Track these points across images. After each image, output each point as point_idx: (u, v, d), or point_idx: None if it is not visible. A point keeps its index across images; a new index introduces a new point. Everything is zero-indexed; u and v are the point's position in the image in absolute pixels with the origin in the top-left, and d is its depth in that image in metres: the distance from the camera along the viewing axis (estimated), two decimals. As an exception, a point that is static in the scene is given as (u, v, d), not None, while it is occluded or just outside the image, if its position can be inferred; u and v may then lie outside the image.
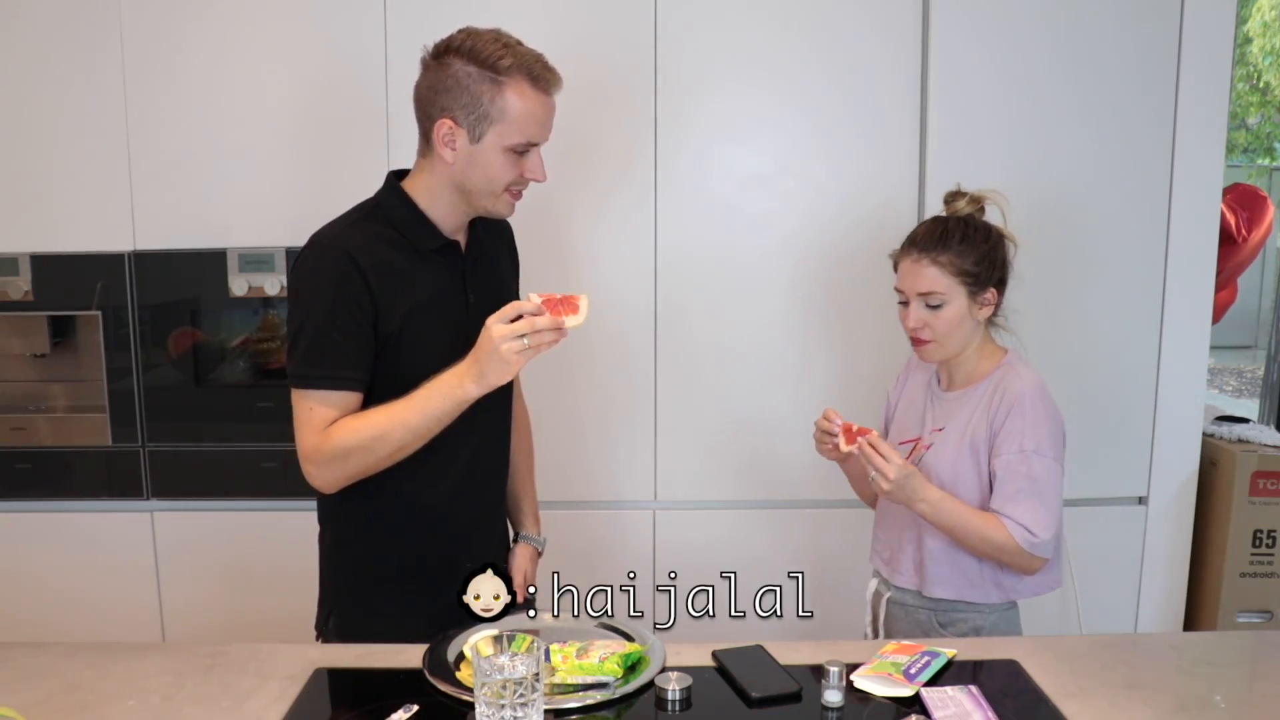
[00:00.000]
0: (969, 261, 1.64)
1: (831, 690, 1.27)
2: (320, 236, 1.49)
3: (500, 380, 1.36)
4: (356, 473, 1.45)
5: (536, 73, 1.43)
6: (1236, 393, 8.58)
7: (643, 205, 2.34)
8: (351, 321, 1.44)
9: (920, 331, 1.67)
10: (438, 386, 1.39)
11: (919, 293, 1.65)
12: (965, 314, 1.65)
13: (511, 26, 1.49)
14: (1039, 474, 1.60)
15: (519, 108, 1.42)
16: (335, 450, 1.43)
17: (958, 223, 1.67)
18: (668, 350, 2.39)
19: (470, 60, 1.42)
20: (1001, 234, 1.69)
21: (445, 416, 1.40)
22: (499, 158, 1.45)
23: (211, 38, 2.30)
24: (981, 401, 1.67)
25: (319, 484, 1.48)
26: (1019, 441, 1.61)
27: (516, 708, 1.13)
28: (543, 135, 1.48)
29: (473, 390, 1.37)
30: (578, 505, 2.42)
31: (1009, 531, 1.59)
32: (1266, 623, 2.45)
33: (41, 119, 2.33)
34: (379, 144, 2.29)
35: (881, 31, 2.28)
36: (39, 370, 2.41)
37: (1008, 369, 1.69)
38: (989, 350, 1.73)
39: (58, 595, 2.45)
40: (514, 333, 1.33)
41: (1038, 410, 1.63)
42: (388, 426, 1.41)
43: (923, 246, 1.66)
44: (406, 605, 1.57)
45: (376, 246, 1.47)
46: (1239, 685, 1.43)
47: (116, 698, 1.31)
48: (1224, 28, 2.27)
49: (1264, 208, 2.79)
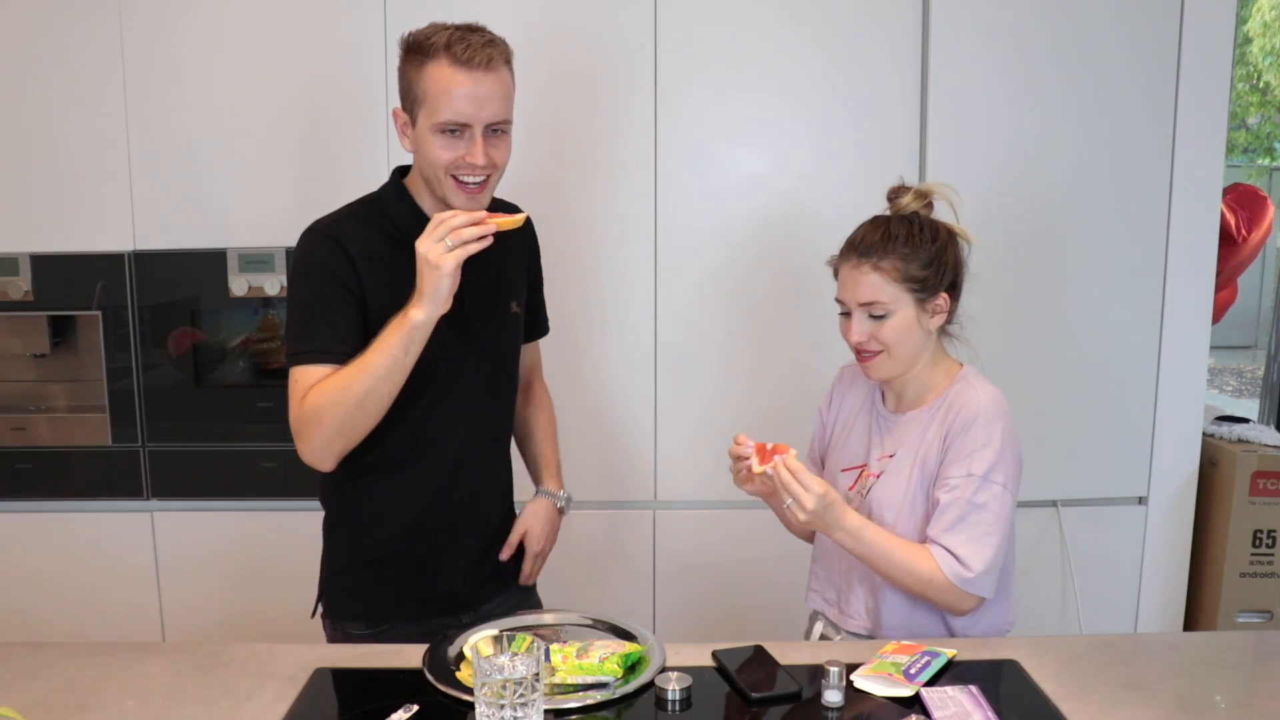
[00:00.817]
0: (915, 266, 1.48)
1: (831, 690, 1.27)
2: (313, 225, 1.51)
3: (438, 293, 1.34)
4: (334, 434, 1.43)
5: (456, 50, 1.40)
6: (1236, 393, 8.58)
7: (643, 204, 2.34)
8: (339, 300, 1.45)
9: (866, 344, 1.51)
10: (387, 328, 1.39)
11: (861, 302, 1.49)
12: (914, 324, 1.49)
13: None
14: (984, 502, 1.44)
15: (437, 85, 1.41)
16: (310, 413, 1.42)
17: (901, 222, 1.51)
18: (668, 349, 2.39)
19: (408, 48, 1.45)
20: (952, 232, 1.53)
21: (400, 350, 1.38)
22: (431, 138, 1.43)
23: (211, 37, 2.30)
24: (934, 422, 1.51)
25: (308, 457, 1.47)
26: (968, 465, 1.45)
27: (516, 708, 1.12)
28: (473, 113, 1.41)
29: (418, 314, 1.36)
30: (578, 505, 2.41)
31: (937, 563, 1.43)
32: (1266, 623, 2.45)
33: (41, 119, 2.33)
34: (378, 144, 2.29)
35: (881, 33, 2.28)
36: (39, 370, 2.41)
37: (963, 384, 1.52)
38: (942, 364, 1.56)
39: (58, 595, 2.45)
40: (434, 238, 1.34)
41: (993, 431, 1.46)
42: (351, 374, 1.40)
43: (863, 251, 1.49)
44: (399, 588, 1.59)
45: (367, 236, 1.48)
46: (1239, 685, 1.43)
47: (116, 698, 1.31)
48: (1224, 28, 2.27)
49: (1264, 208, 2.78)
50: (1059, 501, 2.41)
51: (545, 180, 2.30)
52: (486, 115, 1.42)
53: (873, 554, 1.46)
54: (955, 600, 1.45)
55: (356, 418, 1.42)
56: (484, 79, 1.41)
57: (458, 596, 1.62)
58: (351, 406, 1.40)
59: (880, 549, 1.45)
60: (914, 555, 1.45)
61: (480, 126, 1.42)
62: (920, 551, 1.45)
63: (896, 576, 1.46)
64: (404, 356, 1.38)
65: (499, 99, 1.43)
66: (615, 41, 2.29)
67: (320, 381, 1.42)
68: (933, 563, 1.43)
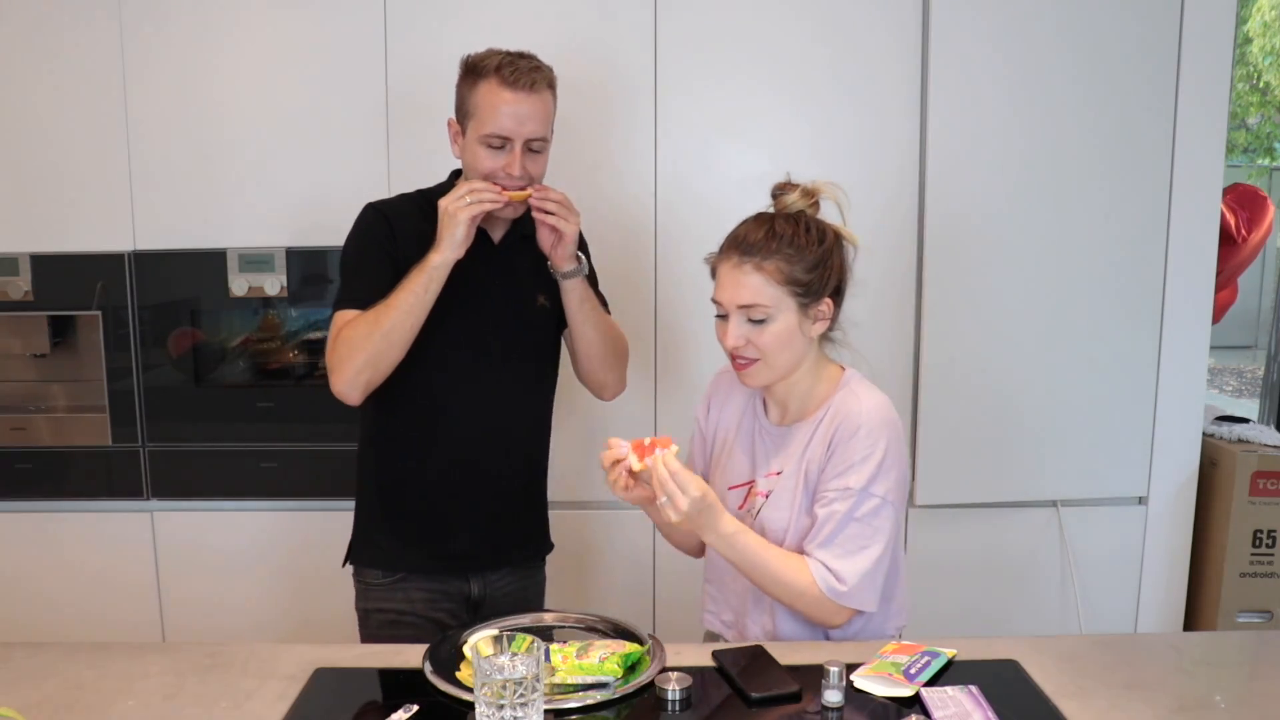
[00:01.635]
0: (800, 268, 1.40)
1: (831, 690, 1.26)
2: (371, 202, 1.72)
3: (454, 239, 1.55)
4: (364, 364, 1.59)
5: (505, 72, 1.57)
6: (1236, 393, 8.58)
7: (643, 203, 2.34)
8: (378, 261, 1.65)
9: (743, 350, 1.43)
10: (413, 269, 1.58)
11: (740, 305, 1.41)
12: (794, 330, 1.42)
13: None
14: (863, 515, 1.39)
15: (486, 102, 1.59)
16: (343, 345, 1.61)
17: (787, 222, 1.42)
18: (668, 349, 2.39)
19: (467, 68, 1.63)
20: (839, 235, 1.45)
21: (421, 289, 1.57)
22: (477, 148, 1.61)
23: (212, 38, 2.30)
24: (819, 434, 1.45)
25: (338, 388, 1.62)
26: (846, 478, 1.40)
27: (516, 708, 1.13)
28: (514, 129, 1.59)
29: (435, 257, 1.56)
30: (577, 505, 2.42)
31: (811, 574, 1.38)
32: (1266, 623, 2.45)
33: (41, 119, 2.33)
34: (379, 144, 2.29)
35: (882, 34, 2.28)
36: (39, 370, 2.41)
37: (847, 392, 1.46)
38: (825, 371, 1.50)
39: (58, 595, 2.45)
40: (456, 195, 1.56)
41: (876, 442, 1.40)
42: (379, 311, 1.58)
43: (745, 249, 1.41)
44: (414, 542, 1.74)
45: (412, 215, 1.68)
46: (1239, 685, 1.43)
47: (116, 698, 1.31)
48: (1224, 28, 2.27)
49: (1264, 208, 2.78)
50: (1059, 501, 2.41)
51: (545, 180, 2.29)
52: (526, 131, 1.60)
53: (745, 561, 1.40)
54: (827, 614, 1.41)
55: (382, 348, 1.59)
56: (527, 99, 1.59)
57: (470, 558, 1.76)
58: (378, 338, 1.58)
59: (754, 557, 1.40)
60: (789, 566, 1.40)
61: (520, 141, 1.60)
62: (796, 562, 1.40)
63: (769, 587, 1.42)
64: (424, 294, 1.57)
65: (539, 118, 1.61)
66: (615, 42, 2.29)
67: (353, 319, 1.61)
68: (808, 575, 1.39)
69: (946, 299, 2.32)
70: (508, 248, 1.74)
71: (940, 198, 2.28)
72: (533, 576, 1.87)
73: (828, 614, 1.42)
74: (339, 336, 1.62)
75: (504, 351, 1.73)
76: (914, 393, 2.35)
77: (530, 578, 1.86)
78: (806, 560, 1.41)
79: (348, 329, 1.61)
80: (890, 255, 2.31)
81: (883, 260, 2.32)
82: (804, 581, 1.39)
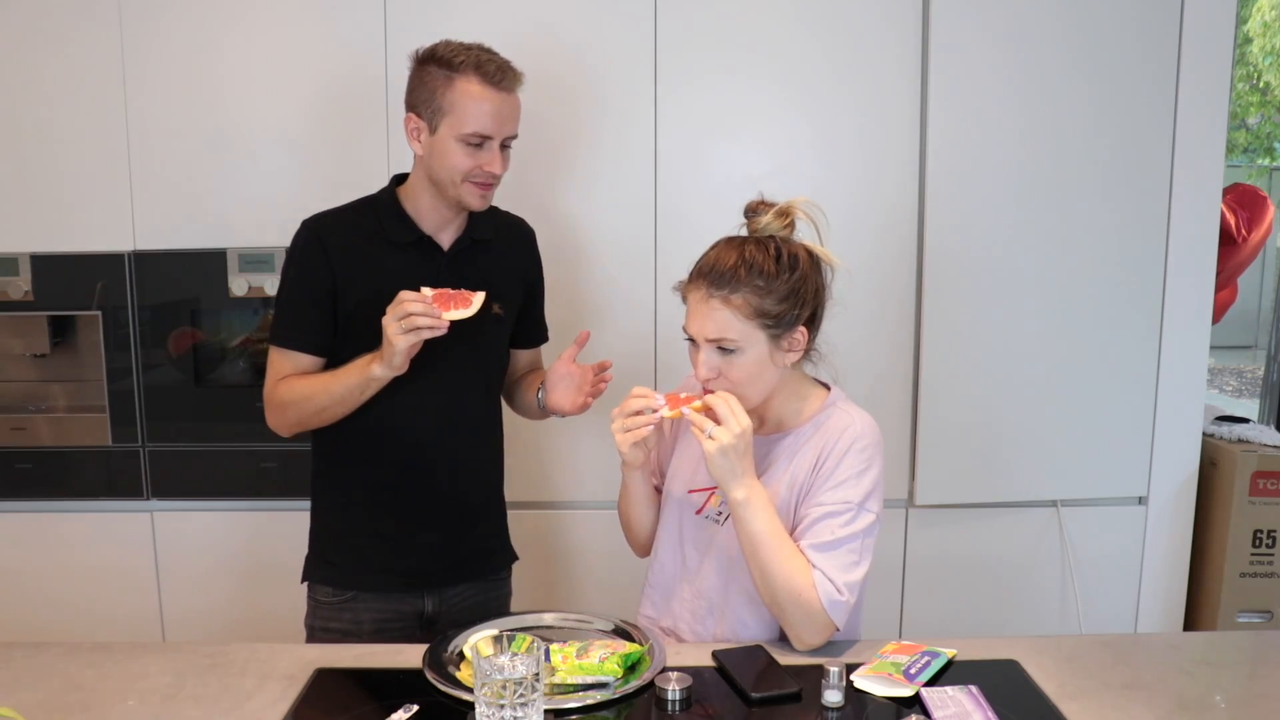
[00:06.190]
0: (770, 301, 1.35)
1: (831, 690, 1.27)
2: (307, 219, 1.67)
3: (392, 360, 1.49)
4: (295, 424, 1.64)
5: (486, 69, 1.55)
6: (1236, 393, 8.58)
7: (643, 202, 2.34)
8: (311, 291, 1.62)
9: (713, 382, 1.40)
10: (356, 363, 1.56)
11: (708, 339, 1.37)
12: (765, 362, 1.38)
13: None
14: (862, 530, 1.38)
15: (466, 100, 1.55)
16: (278, 401, 1.63)
17: (759, 249, 1.37)
18: (668, 348, 2.39)
19: (432, 61, 1.58)
20: (814, 258, 1.41)
21: (357, 390, 1.56)
22: (453, 147, 1.57)
23: (212, 38, 2.30)
24: (807, 445, 1.43)
25: (272, 426, 1.67)
26: (845, 491, 1.38)
27: (516, 708, 1.13)
28: (495, 128, 1.57)
29: (377, 370, 1.52)
30: (577, 505, 2.42)
31: (812, 578, 1.34)
32: (1266, 623, 2.45)
33: (41, 119, 2.32)
34: (379, 144, 2.29)
35: (882, 34, 2.28)
36: (39, 370, 2.41)
37: (835, 411, 1.45)
38: (807, 390, 1.48)
39: (58, 595, 2.45)
40: (394, 316, 1.47)
41: (871, 458, 1.41)
42: (314, 390, 1.60)
43: (714, 281, 1.36)
44: (365, 560, 1.71)
45: (350, 232, 1.64)
46: (1239, 685, 1.43)
47: (116, 698, 1.31)
48: (1224, 28, 2.27)
49: (1264, 208, 2.78)
50: (1059, 501, 2.41)
51: (545, 180, 2.30)
52: (507, 130, 1.59)
53: (755, 534, 1.35)
54: (815, 626, 1.37)
55: (312, 421, 1.64)
56: (508, 99, 1.58)
57: (424, 575, 1.73)
58: (310, 413, 1.62)
59: (767, 533, 1.34)
60: (795, 562, 1.35)
61: (499, 140, 1.58)
62: (801, 561, 1.36)
63: (767, 571, 1.35)
64: (359, 395, 1.57)
65: (517, 117, 1.61)
66: (615, 42, 2.29)
67: (290, 378, 1.62)
68: (809, 577, 1.34)
69: (947, 297, 2.32)
70: (457, 254, 1.68)
71: (940, 196, 2.28)
72: (497, 589, 1.83)
73: (814, 626, 1.37)
74: (275, 389, 1.63)
75: (454, 364, 1.66)
76: (914, 392, 2.35)
77: (494, 590, 1.82)
78: (810, 568, 1.36)
79: (284, 389, 1.62)
80: (891, 254, 2.31)
81: (883, 259, 2.32)
82: (804, 582, 1.35)
